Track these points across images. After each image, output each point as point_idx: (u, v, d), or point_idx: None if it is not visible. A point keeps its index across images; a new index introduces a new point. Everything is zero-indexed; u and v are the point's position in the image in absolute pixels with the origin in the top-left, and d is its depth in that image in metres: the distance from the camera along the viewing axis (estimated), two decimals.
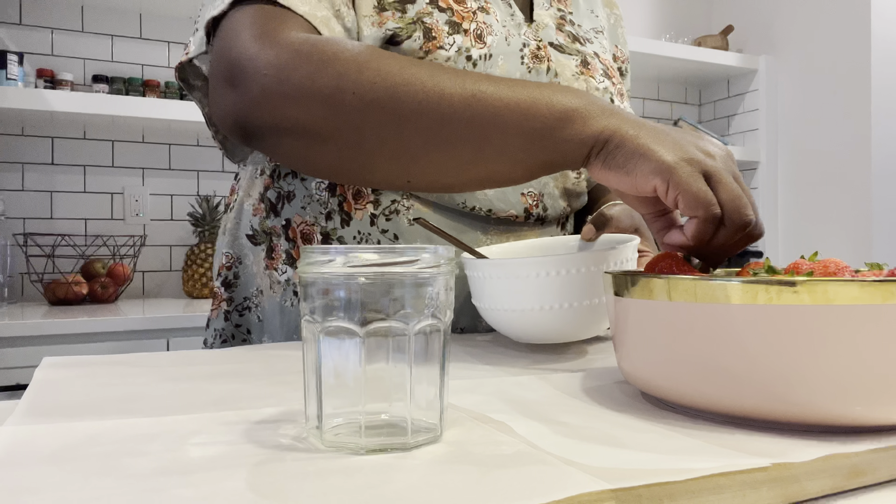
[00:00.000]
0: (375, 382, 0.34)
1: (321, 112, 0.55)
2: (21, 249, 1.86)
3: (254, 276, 0.78)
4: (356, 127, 0.55)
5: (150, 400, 0.43)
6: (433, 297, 0.34)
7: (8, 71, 1.72)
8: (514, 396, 0.44)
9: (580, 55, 0.79)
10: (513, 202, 0.74)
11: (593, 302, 0.57)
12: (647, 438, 0.35)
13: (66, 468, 0.30)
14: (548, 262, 0.55)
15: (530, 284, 0.56)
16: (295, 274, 0.74)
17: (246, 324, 0.79)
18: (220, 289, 0.81)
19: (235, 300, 0.80)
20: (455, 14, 0.69)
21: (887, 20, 2.26)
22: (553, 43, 0.77)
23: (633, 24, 2.72)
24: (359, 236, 0.72)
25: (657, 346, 0.38)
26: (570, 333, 0.59)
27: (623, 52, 0.94)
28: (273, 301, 0.76)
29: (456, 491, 0.28)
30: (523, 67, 0.73)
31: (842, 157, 2.33)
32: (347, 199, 0.72)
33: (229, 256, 0.81)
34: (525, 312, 0.57)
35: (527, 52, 0.73)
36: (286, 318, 0.75)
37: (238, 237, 0.80)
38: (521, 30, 0.75)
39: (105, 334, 1.50)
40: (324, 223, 0.73)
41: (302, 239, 0.74)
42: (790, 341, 0.33)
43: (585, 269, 0.55)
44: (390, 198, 0.71)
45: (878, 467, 0.32)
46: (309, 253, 0.34)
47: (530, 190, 0.75)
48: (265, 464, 0.31)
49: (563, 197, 0.78)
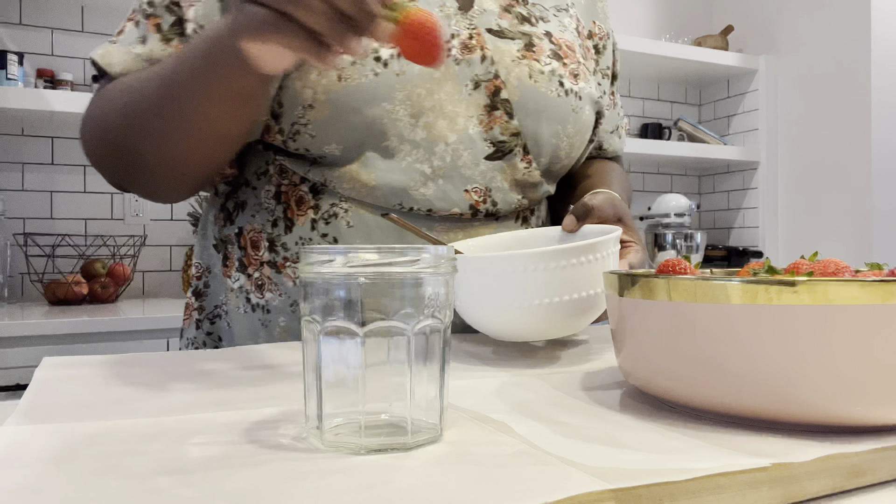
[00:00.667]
0: (375, 382, 0.34)
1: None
2: (21, 249, 1.86)
3: (222, 284, 0.78)
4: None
5: (150, 400, 0.43)
6: (433, 297, 0.34)
7: (8, 71, 1.73)
8: (514, 396, 0.44)
9: (526, 37, 0.76)
10: (455, 200, 0.71)
11: (572, 297, 0.54)
12: (647, 438, 0.35)
13: (66, 468, 0.30)
14: (525, 257, 0.53)
15: (508, 281, 0.54)
16: (247, 280, 0.74)
17: (217, 331, 0.79)
18: (192, 298, 0.81)
19: (206, 308, 0.80)
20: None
21: (887, 20, 2.26)
22: (492, 29, 0.74)
23: (633, 24, 2.72)
24: (300, 241, 0.72)
25: (657, 346, 0.38)
26: (552, 331, 0.58)
27: (603, 29, 0.90)
28: (233, 308, 0.76)
29: (456, 491, 0.28)
30: (450, 60, 0.70)
31: (842, 157, 2.33)
32: (291, 206, 0.72)
33: (199, 266, 0.81)
34: (503, 310, 0.55)
35: (455, 44, 0.71)
36: (242, 324, 0.75)
37: (206, 247, 0.81)
38: (451, 20, 0.72)
39: (105, 334, 1.50)
40: (270, 230, 0.73)
41: (251, 246, 0.74)
42: (790, 341, 0.33)
43: (566, 262, 0.53)
44: (329, 201, 0.70)
45: (878, 467, 0.32)
46: (309, 253, 0.34)
47: (475, 186, 0.72)
48: (265, 464, 0.31)
49: (514, 189, 0.75)
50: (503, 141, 0.72)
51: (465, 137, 0.71)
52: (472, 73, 0.71)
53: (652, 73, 2.65)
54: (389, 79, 0.67)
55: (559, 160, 0.78)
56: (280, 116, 0.69)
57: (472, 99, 0.71)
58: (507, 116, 0.72)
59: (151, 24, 0.70)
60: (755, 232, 2.60)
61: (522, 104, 0.73)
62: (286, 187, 0.72)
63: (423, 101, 0.69)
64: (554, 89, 0.75)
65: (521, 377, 0.50)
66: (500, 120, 0.72)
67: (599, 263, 0.56)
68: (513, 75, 0.73)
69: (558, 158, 0.78)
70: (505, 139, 0.73)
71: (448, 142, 0.70)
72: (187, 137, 0.63)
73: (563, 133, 0.76)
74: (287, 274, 0.72)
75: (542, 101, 0.74)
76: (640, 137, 2.66)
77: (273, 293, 0.73)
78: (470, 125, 0.71)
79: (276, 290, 0.73)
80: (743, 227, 2.66)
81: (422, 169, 0.70)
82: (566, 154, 0.78)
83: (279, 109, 0.69)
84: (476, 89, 0.71)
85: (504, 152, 0.73)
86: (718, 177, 2.79)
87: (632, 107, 2.74)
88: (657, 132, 2.66)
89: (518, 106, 0.73)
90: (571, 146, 0.78)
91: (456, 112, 0.71)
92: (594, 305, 0.57)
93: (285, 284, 0.72)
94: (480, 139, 0.72)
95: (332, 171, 0.70)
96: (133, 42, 0.71)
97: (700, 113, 2.88)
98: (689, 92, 2.86)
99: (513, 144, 0.73)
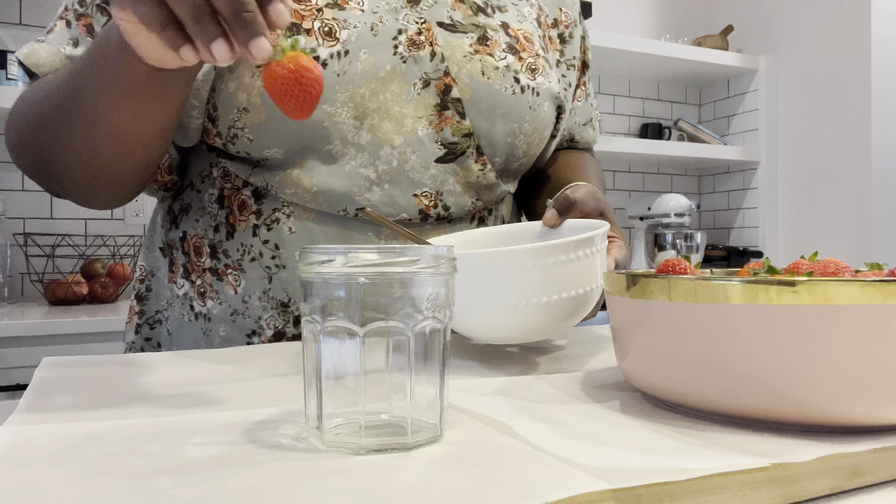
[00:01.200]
0: (375, 382, 0.34)
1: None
2: (21, 249, 1.86)
3: (164, 289, 0.76)
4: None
5: (150, 400, 0.43)
6: (433, 297, 0.34)
7: (8, 71, 1.72)
8: (514, 396, 0.44)
9: (479, 30, 0.71)
10: (403, 205, 0.68)
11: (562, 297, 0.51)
12: (647, 438, 0.35)
13: (66, 468, 0.30)
14: (522, 253, 0.49)
15: (485, 280, 0.50)
16: (191, 288, 0.72)
17: (156, 337, 0.77)
18: (134, 302, 0.79)
19: (147, 313, 0.78)
20: (293, 14, 0.64)
21: (887, 20, 2.26)
22: (443, 22, 0.70)
23: (633, 24, 2.72)
24: (241, 248, 0.69)
25: (657, 346, 0.38)
26: (541, 333, 0.54)
27: (570, 16, 0.85)
28: (176, 315, 0.74)
29: (456, 491, 0.28)
30: (396, 58, 0.67)
31: (842, 157, 2.33)
32: (233, 211, 0.69)
33: (143, 269, 0.79)
34: (480, 311, 0.52)
35: (402, 40, 0.67)
36: (187, 332, 0.73)
37: (152, 249, 0.78)
38: (398, 14, 0.68)
39: (105, 334, 1.50)
40: (212, 236, 0.70)
41: (193, 252, 0.72)
42: (790, 341, 0.33)
43: (566, 257, 0.50)
44: (271, 206, 0.68)
45: (878, 467, 0.32)
46: (309, 253, 0.34)
47: (424, 190, 0.69)
48: (265, 464, 0.31)
49: (467, 192, 0.71)
50: (455, 142, 0.69)
51: (414, 140, 0.68)
52: (420, 72, 0.68)
53: (652, 73, 2.65)
54: (329, 79, 0.64)
55: (516, 159, 0.75)
56: (216, 120, 0.66)
57: (421, 99, 0.68)
58: (459, 116, 0.69)
59: (82, 24, 0.68)
60: (755, 232, 2.60)
61: (475, 103, 0.69)
62: (229, 191, 0.70)
63: (368, 102, 0.66)
64: (509, 86, 0.71)
65: (521, 377, 0.50)
66: (451, 120, 0.69)
67: (590, 259, 0.52)
68: (464, 72, 0.69)
69: (515, 158, 0.75)
70: (457, 140, 0.69)
71: (394, 145, 0.67)
72: (92, 136, 0.60)
73: (519, 132, 0.73)
74: (228, 282, 0.69)
75: (496, 98, 0.70)
76: (640, 137, 2.66)
77: (214, 301, 0.70)
78: (419, 126, 0.68)
79: (217, 299, 0.70)
80: (743, 227, 2.66)
81: (366, 174, 0.67)
82: (524, 153, 0.75)
83: (214, 112, 0.66)
84: (425, 88, 0.68)
85: (456, 154, 0.70)
86: (718, 177, 2.79)
87: (632, 107, 2.74)
88: (657, 132, 2.66)
89: (470, 105, 0.69)
90: (529, 144, 0.75)
91: (403, 113, 0.67)
92: (585, 305, 0.54)
93: (226, 292, 0.70)
94: (430, 141, 0.68)
95: (273, 175, 0.67)
96: (63, 42, 0.69)
97: (700, 113, 2.88)
98: (689, 92, 2.86)
99: (465, 146, 0.70)
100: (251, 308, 0.69)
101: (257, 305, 0.69)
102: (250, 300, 0.69)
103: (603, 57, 2.38)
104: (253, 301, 0.69)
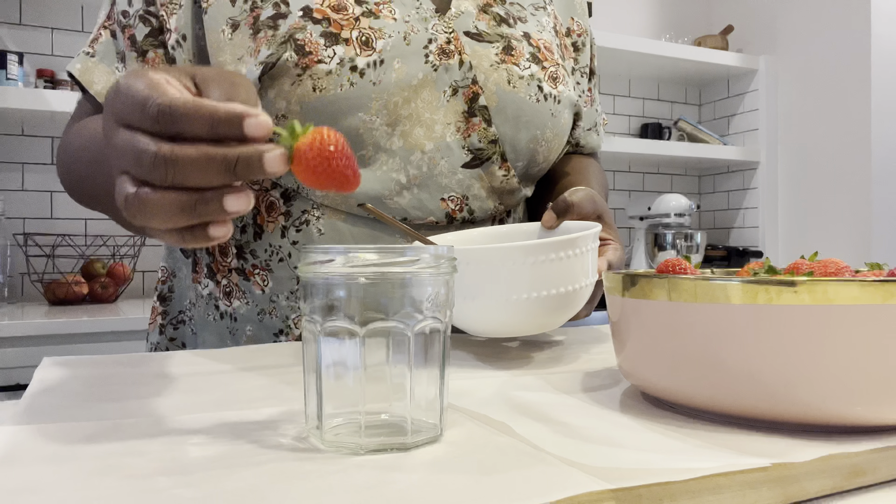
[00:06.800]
0: (375, 382, 0.34)
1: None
2: (21, 249, 1.86)
3: (187, 289, 0.77)
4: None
5: (150, 400, 0.43)
6: (433, 297, 0.34)
7: (8, 71, 1.72)
8: (514, 396, 0.44)
9: (504, 40, 0.73)
10: (431, 209, 0.70)
11: (550, 293, 0.54)
12: (647, 438, 0.35)
13: (66, 468, 0.30)
14: (504, 251, 0.52)
15: (485, 275, 0.53)
16: (216, 287, 0.73)
17: (180, 337, 0.78)
18: (157, 303, 0.80)
19: (170, 314, 0.79)
20: (332, 24, 0.65)
21: (887, 20, 2.26)
22: (469, 32, 0.72)
23: (633, 24, 2.72)
24: (269, 249, 0.70)
25: (657, 346, 0.38)
26: (527, 328, 0.57)
27: (581, 25, 0.87)
28: (201, 314, 0.75)
29: (456, 491, 0.28)
30: (428, 66, 0.68)
31: (842, 157, 2.33)
32: (261, 212, 0.70)
33: (164, 270, 0.80)
34: (480, 304, 0.54)
35: (433, 49, 0.69)
36: (212, 331, 0.74)
37: (173, 250, 0.79)
38: (428, 24, 0.70)
39: (105, 334, 1.50)
40: (238, 236, 0.71)
41: (219, 252, 0.73)
42: (790, 341, 0.33)
43: (545, 257, 0.53)
44: (301, 208, 0.69)
45: (878, 467, 0.32)
46: (309, 253, 0.34)
47: (451, 194, 0.71)
48: (265, 464, 0.31)
49: (491, 197, 0.74)
50: (481, 148, 0.71)
51: (443, 145, 0.69)
52: (450, 80, 0.69)
53: (652, 73, 2.65)
54: (366, 88, 0.65)
55: (536, 164, 0.77)
56: None
57: (450, 106, 0.70)
58: (486, 123, 0.71)
59: (127, 36, 0.69)
60: (755, 232, 2.60)
61: (501, 110, 0.71)
62: (257, 192, 0.71)
63: (400, 109, 0.67)
64: (533, 94, 0.73)
65: (521, 377, 0.50)
66: (479, 127, 0.71)
67: (579, 259, 0.55)
68: (491, 81, 0.71)
69: (535, 163, 0.77)
70: (483, 147, 0.71)
71: (425, 150, 0.69)
72: (104, 206, 0.67)
73: (541, 138, 0.75)
74: (255, 282, 0.70)
75: (521, 106, 0.72)
76: (640, 137, 2.66)
77: (241, 301, 0.71)
78: (447, 133, 0.70)
79: (244, 298, 0.71)
80: (743, 227, 2.66)
81: (397, 178, 0.68)
82: (544, 158, 0.77)
83: None
84: (454, 96, 0.70)
85: (482, 160, 0.72)
86: (718, 177, 2.79)
87: (632, 107, 2.74)
88: (657, 132, 2.66)
89: (496, 112, 0.71)
90: (549, 150, 0.77)
91: (433, 120, 0.69)
92: (571, 302, 0.57)
93: (253, 292, 0.71)
94: (458, 147, 0.70)
95: None
96: (111, 56, 0.70)
97: (700, 113, 2.88)
98: (689, 92, 2.86)
99: (491, 152, 0.72)
100: (279, 308, 0.70)
101: (285, 305, 0.70)
102: (278, 300, 0.70)
103: (603, 57, 2.38)
104: (280, 301, 0.70)
